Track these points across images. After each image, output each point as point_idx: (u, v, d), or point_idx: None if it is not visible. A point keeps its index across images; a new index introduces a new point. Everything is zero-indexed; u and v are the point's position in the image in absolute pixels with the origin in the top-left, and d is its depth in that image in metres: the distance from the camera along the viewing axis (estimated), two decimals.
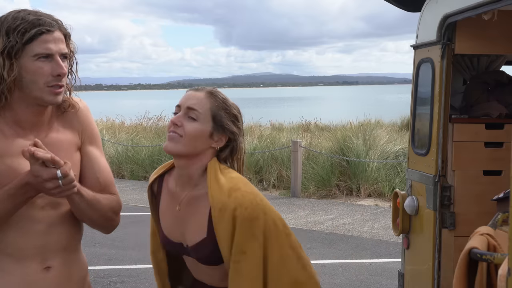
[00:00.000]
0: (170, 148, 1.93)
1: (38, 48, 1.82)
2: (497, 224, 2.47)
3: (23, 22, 1.81)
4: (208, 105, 1.94)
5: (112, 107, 32.72)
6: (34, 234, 1.89)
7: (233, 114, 1.98)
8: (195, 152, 1.94)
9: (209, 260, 1.96)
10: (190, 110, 1.93)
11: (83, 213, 1.94)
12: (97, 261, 6.59)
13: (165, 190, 2.07)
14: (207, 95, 1.96)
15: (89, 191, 1.93)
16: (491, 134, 3.44)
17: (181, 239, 2.01)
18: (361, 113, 18.69)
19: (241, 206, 1.86)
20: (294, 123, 19.66)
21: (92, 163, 2.03)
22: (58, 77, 1.84)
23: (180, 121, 1.93)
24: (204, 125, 1.93)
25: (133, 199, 10.73)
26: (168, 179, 2.08)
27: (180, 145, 1.92)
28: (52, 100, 1.87)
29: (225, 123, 1.96)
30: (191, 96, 1.96)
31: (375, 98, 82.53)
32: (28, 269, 1.88)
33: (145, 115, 18.87)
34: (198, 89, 1.99)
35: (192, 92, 1.98)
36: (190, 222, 1.98)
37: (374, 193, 10.93)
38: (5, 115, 1.88)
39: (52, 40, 1.84)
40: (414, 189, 3.50)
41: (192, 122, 1.93)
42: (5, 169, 1.83)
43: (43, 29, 1.82)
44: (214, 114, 1.95)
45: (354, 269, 6.53)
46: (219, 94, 1.99)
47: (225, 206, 1.87)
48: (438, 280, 3.25)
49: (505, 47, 3.33)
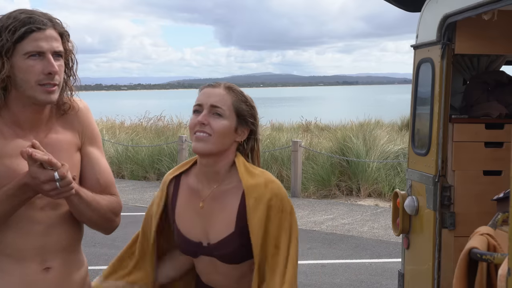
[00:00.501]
0: (201, 148, 1.94)
1: (28, 46, 1.81)
2: (497, 224, 2.47)
3: (15, 21, 1.81)
4: (230, 101, 1.96)
5: (112, 107, 32.72)
6: (34, 234, 1.88)
7: (252, 106, 2.02)
8: (224, 149, 1.97)
9: (232, 257, 1.96)
10: (214, 107, 1.94)
11: (82, 214, 1.94)
12: (97, 261, 6.58)
13: (184, 189, 2.06)
14: (226, 90, 1.98)
15: (88, 192, 1.92)
16: (491, 134, 3.44)
17: (201, 237, 2.00)
18: (361, 113, 18.68)
19: (277, 196, 1.93)
20: (294, 123, 19.66)
21: (93, 164, 2.02)
22: (49, 75, 1.82)
23: (207, 119, 1.93)
24: (230, 120, 1.96)
25: (133, 199, 10.73)
26: (186, 178, 2.08)
27: (210, 144, 1.93)
28: (45, 99, 1.85)
29: (247, 115, 1.99)
30: (211, 93, 1.97)
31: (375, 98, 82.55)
32: (27, 270, 1.88)
33: (145, 115, 18.88)
34: (215, 85, 2.00)
35: (210, 89, 1.98)
36: (215, 218, 1.98)
37: (374, 193, 10.93)
38: (3, 116, 1.88)
39: (44, 38, 1.82)
40: (414, 189, 3.50)
41: (218, 119, 1.94)
42: (4, 170, 1.83)
43: (33, 27, 1.81)
44: (237, 108, 1.97)
45: (354, 269, 6.53)
46: (236, 88, 2.01)
47: (261, 195, 1.91)
48: (438, 280, 3.25)
49: (505, 47, 3.33)
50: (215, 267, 2.01)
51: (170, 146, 13.34)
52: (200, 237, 2.00)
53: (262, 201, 1.91)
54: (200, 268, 2.08)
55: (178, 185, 2.08)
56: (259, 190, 1.92)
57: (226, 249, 1.95)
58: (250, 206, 1.91)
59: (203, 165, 2.00)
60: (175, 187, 2.09)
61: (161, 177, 12.89)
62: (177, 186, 2.09)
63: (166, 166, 12.78)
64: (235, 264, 1.98)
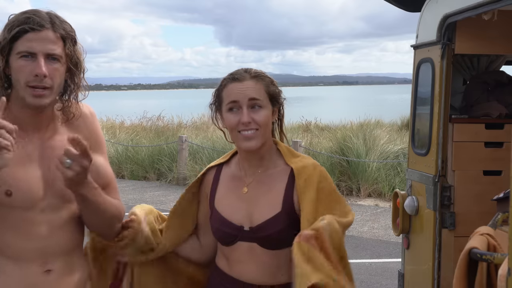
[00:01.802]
0: (254, 146, 1.98)
1: (21, 46, 1.80)
2: (497, 224, 2.47)
3: (14, 20, 1.82)
4: (263, 89, 2.00)
5: (112, 107, 32.69)
6: (35, 237, 1.87)
7: (276, 86, 2.06)
8: (269, 136, 2.05)
9: (274, 239, 1.97)
10: (253, 100, 1.98)
11: (92, 212, 1.93)
12: None
13: (225, 177, 2.11)
14: (255, 79, 2.00)
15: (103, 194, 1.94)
16: (491, 134, 3.44)
17: (244, 221, 2.02)
18: (361, 113, 18.66)
19: (326, 180, 2.00)
20: (294, 123, 19.64)
21: (98, 170, 2.01)
22: (36, 77, 1.79)
23: (250, 116, 1.96)
24: (269, 108, 2.01)
25: (133, 199, 10.73)
26: (227, 168, 2.12)
27: (259, 138, 1.98)
28: (33, 102, 1.81)
29: (278, 96, 2.05)
30: (244, 87, 1.98)
31: (375, 98, 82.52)
32: (28, 272, 1.87)
33: (144, 115, 18.87)
34: (242, 78, 2.00)
35: (239, 84, 1.99)
36: (260, 201, 2.01)
37: (374, 193, 10.93)
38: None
39: (37, 39, 1.80)
40: (414, 189, 3.50)
41: (260, 111, 1.98)
42: (3, 175, 1.82)
43: (27, 27, 1.79)
44: (269, 93, 2.01)
45: (354, 269, 6.46)
46: (261, 73, 2.03)
47: (311, 177, 1.97)
48: (438, 280, 3.25)
49: (505, 47, 3.33)
50: (252, 255, 2.00)
51: (170, 146, 13.34)
52: (243, 221, 2.02)
53: (313, 183, 1.97)
54: (233, 257, 2.05)
55: (219, 174, 2.12)
56: (308, 171, 1.99)
57: (270, 230, 1.97)
58: (300, 186, 1.96)
59: (248, 154, 2.03)
60: (215, 176, 2.13)
61: (161, 177, 12.89)
62: (217, 174, 2.13)
63: (166, 166, 12.78)
64: (275, 250, 1.98)
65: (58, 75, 1.84)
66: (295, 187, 1.98)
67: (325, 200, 1.97)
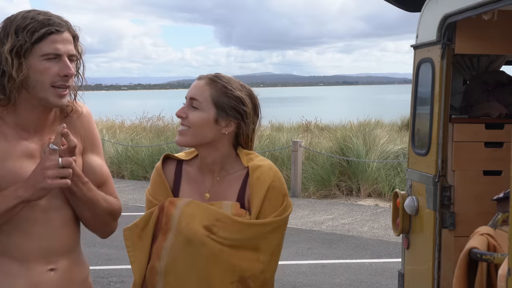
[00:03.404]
0: (180, 141, 2.00)
1: (46, 48, 1.81)
2: (497, 224, 2.47)
3: (33, 21, 1.81)
4: (207, 92, 1.97)
5: (112, 107, 32.71)
6: (38, 236, 1.88)
7: (235, 97, 1.99)
8: (206, 141, 1.99)
9: None
10: (192, 100, 1.98)
11: (85, 206, 1.94)
12: (97, 261, 6.58)
13: (188, 177, 2.07)
14: (207, 81, 1.99)
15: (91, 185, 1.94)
16: (491, 134, 3.44)
17: None
18: (361, 113, 18.67)
19: (279, 180, 2.01)
20: (294, 123, 19.64)
21: (94, 170, 2.03)
22: (65, 77, 1.84)
23: (185, 112, 1.98)
24: (207, 112, 1.97)
25: (133, 199, 10.73)
26: (188, 168, 2.09)
27: (188, 136, 1.98)
28: (56, 102, 1.86)
29: (227, 108, 1.98)
30: (194, 86, 2.01)
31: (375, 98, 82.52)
32: (33, 271, 1.88)
33: (144, 115, 18.87)
34: (201, 77, 2.02)
35: (196, 81, 2.02)
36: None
37: (374, 193, 10.93)
38: (5, 118, 1.87)
39: (61, 41, 1.83)
40: (414, 189, 3.50)
41: (194, 111, 1.97)
42: (6, 173, 1.83)
43: (53, 29, 1.82)
44: (215, 100, 1.97)
45: (354, 269, 6.53)
46: (221, 79, 2.00)
47: (265, 175, 1.98)
48: (438, 280, 3.25)
49: (505, 47, 3.33)
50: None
51: (170, 146, 13.34)
52: None
53: (265, 181, 1.97)
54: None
55: (180, 170, 2.09)
56: (262, 170, 1.99)
57: None
58: (253, 183, 1.97)
59: (201, 157, 2.05)
60: (176, 171, 2.09)
61: None
62: (179, 170, 2.09)
63: None
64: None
65: (74, 73, 1.90)
66: (247, 182, 2.00)
67: (274, 200, 1.98)
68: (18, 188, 1.79)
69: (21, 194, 1.78)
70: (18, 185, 1.80)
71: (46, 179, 1.76)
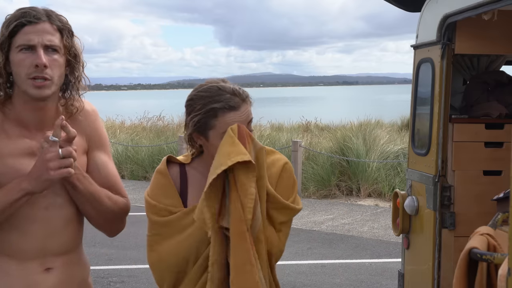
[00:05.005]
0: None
1: (20, 39, 1.82)
2: (497, 224, 2.47)
3: (11, 16, 1.85)
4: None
5: (112, 107, 32.68)
6: (35, 235, 1.88)
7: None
8: None
9: None
10: None
11: (88, 204, 1.93)
12: (97, 261, 6.58)
13: (195, 181, 2.04)
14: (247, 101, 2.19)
15: (94, 183, 1.93)
16: (491, 134, 3.44)
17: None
18: (361, 113, 18.66)
19: (291, 167, 2.13)
20: (294, 123, 19.64)
21: (99, 168, 2.01)
22: (37, 68, 1.80)
23: None
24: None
25: (133, 199, 10.73)
26: (191, 170, 2.07)
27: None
28: (35, 94, 1.83)
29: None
30: None
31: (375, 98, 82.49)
32: (28, 271, 1.88)
33: (144, 115, 18.87)
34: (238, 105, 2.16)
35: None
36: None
37: (374, 193, 10.93)
38: (8, 115, 1.88)
39: (35, 32, 1.82)
40: (414, 189, 3.50)
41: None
42: (7, 170, 1.83)
43: (24, 21, 1.82)
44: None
45: (354, 269, 6.53)
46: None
47: (278, 156, 2.10)
48: (438, 280, 3.25)
49: (505, 47, 3.32)
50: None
51: (170, 146, 13.34)
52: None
53: (280, 161, 2.07)
54: None
55: (185, 174, 2.06)
56: (276, 155, 2.10)
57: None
58: (267, 165, 1.99)
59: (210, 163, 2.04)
60: (181, 174, 2.06)
61: None
62: (184, 177, 2.06)
63: None
64: None
65: (57, 66, 1.86)
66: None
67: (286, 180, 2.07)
68: (22, 181, 1.79)
69: (24, 187, 1.78)
70: (21, 178, 1.80)
71: (49, 170, 1.76)
